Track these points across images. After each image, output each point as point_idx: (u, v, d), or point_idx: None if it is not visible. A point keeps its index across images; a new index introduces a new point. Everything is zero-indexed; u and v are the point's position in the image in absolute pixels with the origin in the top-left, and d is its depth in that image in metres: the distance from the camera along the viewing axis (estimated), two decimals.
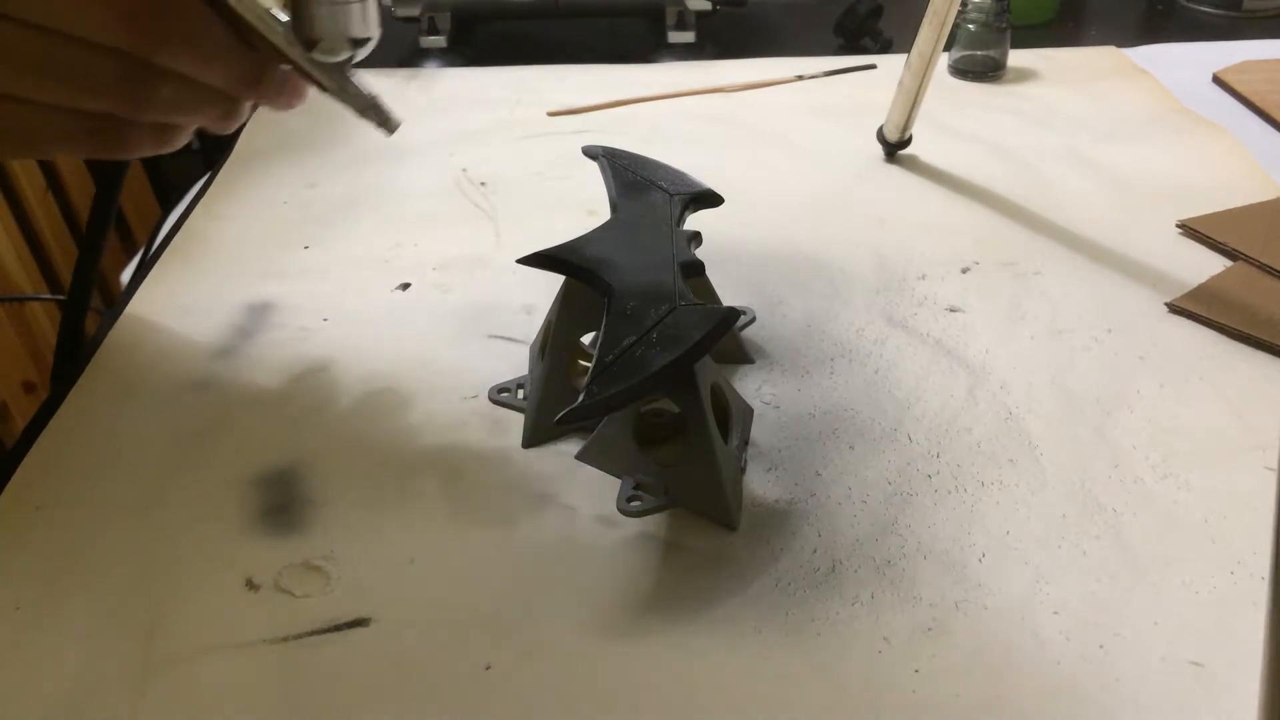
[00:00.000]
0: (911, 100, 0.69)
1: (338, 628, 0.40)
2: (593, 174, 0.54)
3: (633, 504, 0.44)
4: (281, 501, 0.46)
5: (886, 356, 0.54)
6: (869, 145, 0.74)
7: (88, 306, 0.55)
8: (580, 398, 0.39)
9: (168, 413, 0.51)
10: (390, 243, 0.65)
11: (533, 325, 0.56)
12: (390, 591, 0.42)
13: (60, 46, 0.36)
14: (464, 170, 0.74)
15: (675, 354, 0.39)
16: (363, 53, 0.40)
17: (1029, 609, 0.40)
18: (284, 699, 0.38)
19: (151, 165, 1.56)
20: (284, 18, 0.39)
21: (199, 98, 0.40)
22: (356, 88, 0.42)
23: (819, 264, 0.62)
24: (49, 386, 0.53)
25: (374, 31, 0.40)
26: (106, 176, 0.54)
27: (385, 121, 0.43)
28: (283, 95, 0.42)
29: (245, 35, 0.39)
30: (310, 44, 0.39)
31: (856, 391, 0.51)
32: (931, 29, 0.64)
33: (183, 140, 0.42)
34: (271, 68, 0.41)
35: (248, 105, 0.43)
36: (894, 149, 0.73)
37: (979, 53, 0.85)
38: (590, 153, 0.54)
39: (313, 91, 0.43)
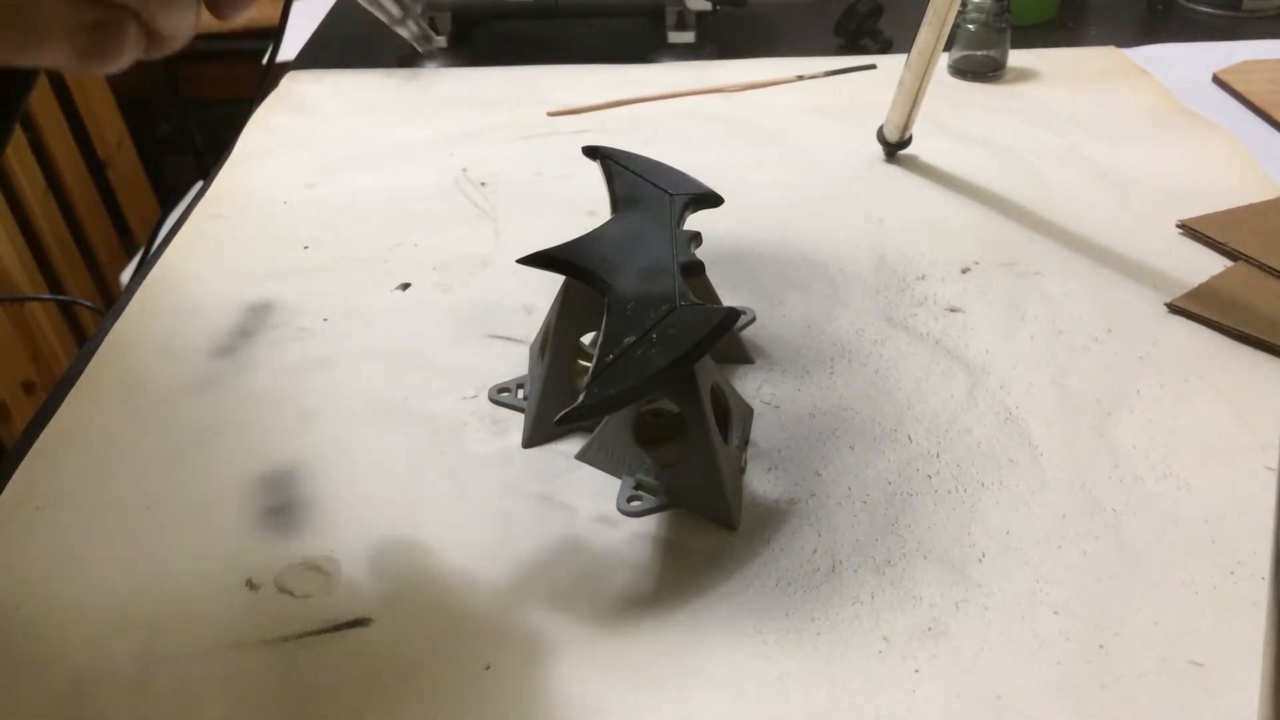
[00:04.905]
0: (911, 100, 0.69)
1: (338, 628, 0.40)
2: (593, 174, 0.54)
3: (633, 504, 0.44)
4: (281, 501, 0.46)
5: (886, 357, 0.54)
6: (869, 145, 0.74)
7: None
8: (580, 398, 0.39)
9: (168, 413, 0.51)
10: (390, 243, 0.65)
11: (533, 325, 0.56)
12: (390, 591, 0.42)
13: None
14: (464, 170, 0.74)
15: (675, 354, 0.39)
16: None
17: (1029, 609, 0.40)
18: (284, 699, 0.38)
19: (151, 166, 1.56)
20: None
21: None
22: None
23: (819, 264, 0.62)
24: (49, 387, 0.53)
25: None
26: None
27: (424, 37, 0.43)
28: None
29: None
30: None
31: (856, 391, 0.51)
32: (931, 29, 0.64)
33: (163, 51, 0.41)
34: None
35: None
36: (894, 149, 0.73)
37: (979, 53, 0.85)
38: (590, 153, 0.54)
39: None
